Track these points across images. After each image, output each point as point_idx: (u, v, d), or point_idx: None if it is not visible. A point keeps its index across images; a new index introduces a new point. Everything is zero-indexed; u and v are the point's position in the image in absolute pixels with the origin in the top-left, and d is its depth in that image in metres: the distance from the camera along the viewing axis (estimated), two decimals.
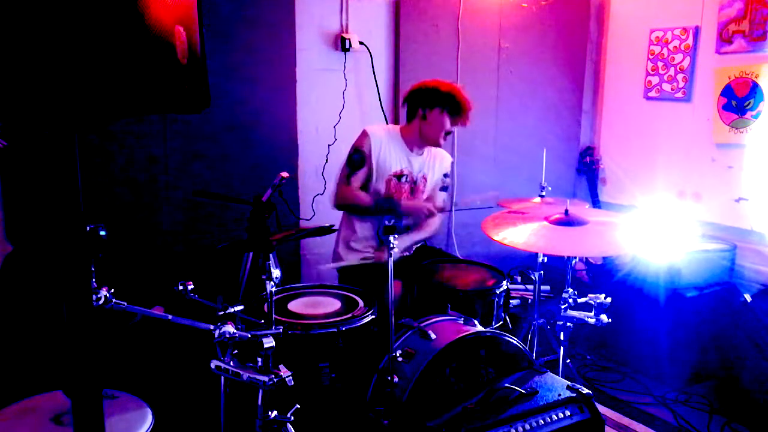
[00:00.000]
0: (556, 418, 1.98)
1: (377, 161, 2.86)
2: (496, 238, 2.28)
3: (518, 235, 2.29)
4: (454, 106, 2.84)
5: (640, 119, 4.19)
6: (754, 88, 3.45)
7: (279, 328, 1.83)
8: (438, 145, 2.97)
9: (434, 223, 3.13)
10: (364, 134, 2.87)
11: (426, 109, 2.85)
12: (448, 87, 2.88)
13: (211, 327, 1.73)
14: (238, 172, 3.29)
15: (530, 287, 3.55)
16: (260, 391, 1.80)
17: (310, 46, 3.44)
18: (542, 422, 1.95)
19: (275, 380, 1.70)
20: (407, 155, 2.94)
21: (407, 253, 3.07)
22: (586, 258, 3.93)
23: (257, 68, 3.26)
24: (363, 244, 2.97)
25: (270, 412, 1.87)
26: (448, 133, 2.90)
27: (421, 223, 3.04)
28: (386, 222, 1.95)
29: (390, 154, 2.88)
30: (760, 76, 3.41)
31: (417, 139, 2.92)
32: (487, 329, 2.40)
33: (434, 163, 3.04)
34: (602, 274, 3.76)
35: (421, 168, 2.99)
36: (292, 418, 1.89)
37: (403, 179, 2.95)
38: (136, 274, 2.85)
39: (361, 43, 3.53)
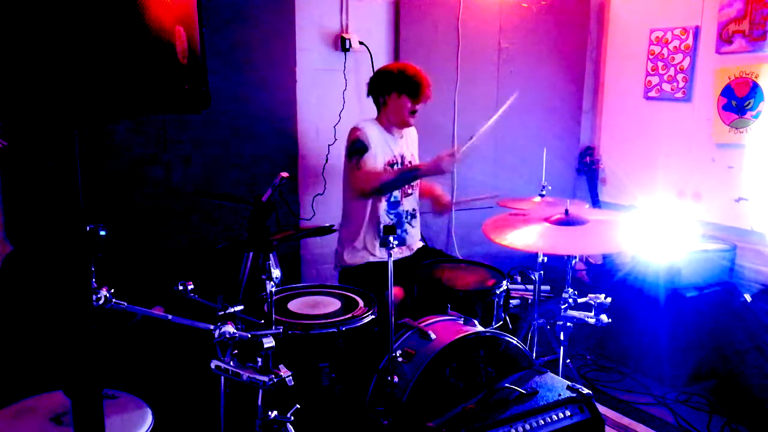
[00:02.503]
0: (556, 418, 1.98)
1: (374, 153, 2.88)
2: (497, 240, 2.28)
3: (519, 237, 2.30)
4: (408, 86, 2.86)
5: (640, 119, 4.19)
6: (754, 88, 3.45)
7: (279, 328, 1.83)
8: (409, 125, 3.02)
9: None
10: (356, 129, 2.90)
11: (384, 96, 2.91)
12: (398, 67, 2.92)
13: (211, 327, 1.73)
14: (238, 172, 3.29)
15: (530, 287, 3.55)
16: (260, 391, 1.80)
17: (310, 46, 3.44)
18: (542, 422, 1.95)
19: (275, 380, 1.70)
20: (392, 141, 2.98)
21: (408, 253, 3.07)
22: (586, 258, 3.93)
23: (257, 68, 3.26)
24: (367, 245, 2.96)
25: (270, 412, 1.87)
26: (413, 111, 2.92)
27: (441, 173, 2.82)
28: (386, 222, 1.96)
29: (380, 145, 2.91)
30: (760, 76, 3.41)
31: (390, 125, 2.97)
32: (487, 329, 2.40)
33: (411, 140, 3.13)
34: (602, 274, 3.76)
35: (407, 148, 3.06)
36: (292, 418, 1.89)
37: (396, 167, 2.97)
38: (136, 274, 2.85)
39: (361, 43, 3.53)
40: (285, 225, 3.30)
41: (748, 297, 3.23)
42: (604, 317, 2.39)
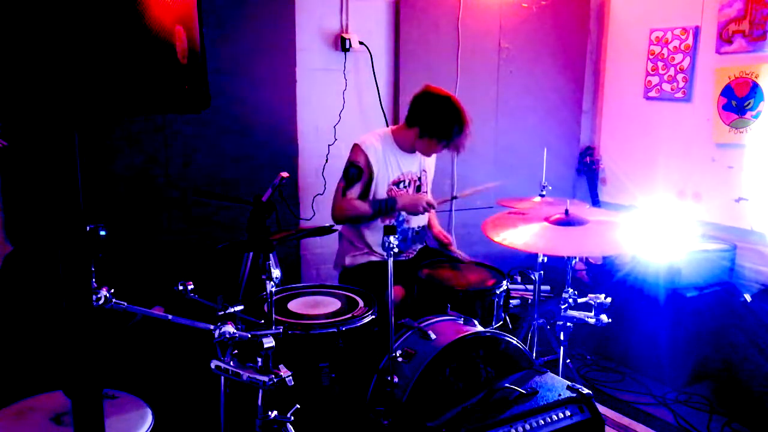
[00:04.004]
0: (556, 418, 1.98)
1: (377, 174, 2.84)
2: (496, 239, 2.29)
3: (518, 236, 2.30)
4: (455, 142, 2.81)
5: (640, 119, 4.19)
6: (754, 88, 3.45)
7: (279, 328, 1.83)
8: (428, 157, 3.01)
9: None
10: (358, 149, 2.82)
11: (427, 134, 2.80)
12: (458, 118, 2.77)
13: (211, 327, 1.73)
14: (238, 172, 3.29)
15: (530, 287, 3.55)
16: (260, 391, 1.80)
17: (310, 46, 3.44)
18: (542, 422, 1.95)
19: (275, 380, 1.70)
20: (402, 158, 2.91)
21: (411, 255, 3.07)
22: (586, 258, 3.93)
23: (257, 68, 3.26)
24: (368, 245, 2.96)
25: (270, 412, 1.86)
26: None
27: (420, 216, 2.99)
28: (386, 222, 1.96)
29: (387, 164, 2.86)
30: (760, 76, 3.41)
31: (410, 144, 2.90)
32: (487, 329, 2.40)
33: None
34: (602, 274, 3.76)
35: (419, 163, 3.00)
36: (292, 418, 1.89)
37: (402, 185, 2.93)
38: (136, 274, 2.85)
39: (361, 43, 3.53)
40: (285, 225, 3.30)
41: (748, 297, 3.23)
42: (604, 317, 2.39)
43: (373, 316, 2.39)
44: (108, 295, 1.74)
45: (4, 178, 2.57)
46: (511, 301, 3.12)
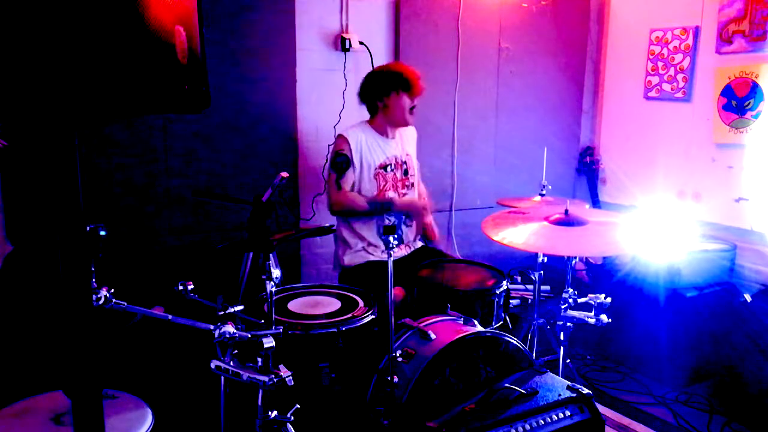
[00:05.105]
0: (556, 418, 1.97)
1: (361, 160, 2.92)
2: (495, 238, 2.29)
3: (518, 235, 2.30)
4: (404, 82, 2.91)
5: (640, 119, 4.19)
6: (754, 88, 3.45)
7: (279, 328, 1.83)
8: (408, 124, 3.04)
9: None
10: (341, 138, 2.93)
11: (383, 98, 2.93)
12: (388, 68, 2.99)
13: (211, 327, 1.73)
14: (238, 172, 3.29)
15: (530, 287, 3.55)
16: (260, 391, 1.80)
17: (310, 46, 3.44)
18: (542, 422, 1.95)
19: (275, 380, 1.70)
20: (385, 143, 3.00)
21: (407, 252, 3.07)
22: (586, 258, 3.93)
23: (257, 68, 3.26)
24: (367, 247, 2.97)
25: (270, 412, 1.86)
26: (413, 108, 2.97)
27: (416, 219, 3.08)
28: (386, 221, 1.96)
29: (370, 149, 2.95)
30: (760, 76, 3.41)
31: (387, 127, 3.00)
32: (487, 329, 2.40)
33: (407, 138, 3.14)
34: (602, 274, 3.76)
35: (401, 148, 3.07)
36: (292, 418, 1.89)
37: (389, 168, 2.99)
38: (136, 274, 2.85)
39: (361, 43, 3.53)
40: (285, 225, 3.30)
41: (748, 297, 3.23)
42: (604, 317, 2.38)
43: (373, 316, 2.39)
44: (108, 295, 1.74)
45: (4, 178, 2.57)
46: (511, 301, 3.12)
